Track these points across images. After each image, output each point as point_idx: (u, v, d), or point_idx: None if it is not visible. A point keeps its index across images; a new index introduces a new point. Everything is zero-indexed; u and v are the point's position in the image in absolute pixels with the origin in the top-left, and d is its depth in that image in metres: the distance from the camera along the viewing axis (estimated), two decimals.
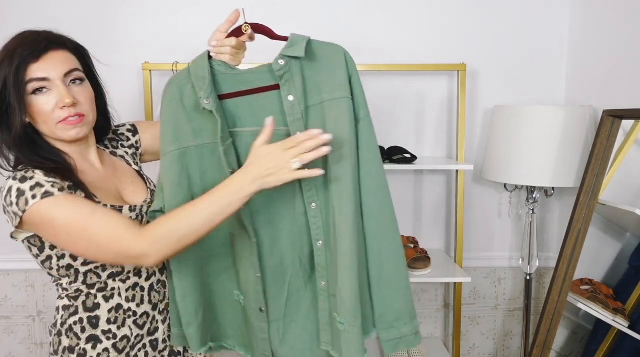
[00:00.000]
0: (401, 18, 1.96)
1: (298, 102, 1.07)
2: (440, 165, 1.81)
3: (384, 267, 1.12)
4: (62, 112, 0.99)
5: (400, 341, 1.15)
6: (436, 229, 2.10)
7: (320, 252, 1.11)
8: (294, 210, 1.13)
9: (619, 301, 1.57)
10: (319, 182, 1.10)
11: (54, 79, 0.99)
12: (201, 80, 1.07)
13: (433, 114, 2.02)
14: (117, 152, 1.19)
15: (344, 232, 1.05)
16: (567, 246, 1.56)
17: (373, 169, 1.09)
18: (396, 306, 1.13)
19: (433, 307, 2.15)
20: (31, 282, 2.03)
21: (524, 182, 1.74)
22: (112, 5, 1.91)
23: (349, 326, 1.07)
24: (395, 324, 1.14)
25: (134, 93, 1.91)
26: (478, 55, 1.98)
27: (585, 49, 1.90)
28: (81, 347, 1.05)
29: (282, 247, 1.14)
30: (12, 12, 1.88)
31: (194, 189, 1.11)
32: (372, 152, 1.09)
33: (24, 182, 0.95)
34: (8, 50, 0.97)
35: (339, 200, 1.06)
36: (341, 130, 1.05)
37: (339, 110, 1.06)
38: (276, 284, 1.15)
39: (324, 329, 1.15)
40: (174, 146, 1.10)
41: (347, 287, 1.05)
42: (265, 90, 1.10)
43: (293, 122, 1.07)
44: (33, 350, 2.08)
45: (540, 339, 1.58)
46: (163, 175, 1.11)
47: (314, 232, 1.11)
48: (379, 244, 1.10)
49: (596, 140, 1.57)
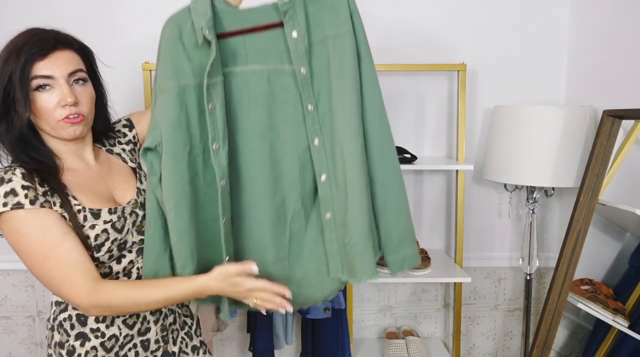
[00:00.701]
0: (401, 18, 1.96)
1: (302, 38, 1.10)
2: (440, 166, 1.81)
3: (388, 194, 1.17)
4: (63, 110, 1.00)
5: (404, 262, 1.21)
6: (436, 229, 2.10)
7: (325, 185, 1.16)
8: (297, 148, 1.16)
9: (619, 301, 1.57)
10: (322, 117, 1.14)
11: (58, 78, 1.00)
12: (202, 15, 1.07)
13: (433, 114, 2.02)
14: (114, 150, 1.18)
15: (355, 162, 1.10)
16: (567, 246, 1.56)
17: (375, 103, 1.14)
18: (400, 230, 1.20)
19: (433, 307, 2.15)
20: (31, 282, 2.03)
21: (524, 182, 1.74)
22: (112, 5, 1.91)
23: (362, 246, 1.12)
24: (399, 247, 1.20)
25: (134, 93, 1.91)
26: (478, 55, 1.98)
27: (585, 49, 1.90)
28: (70, 344, 1.06)
29: (284, 187, 1.18)
30: (12, 12, 1.88)
31: (191, 129, 1.10)
32: (373, 88, 1.14)
33: (1, 184, 0.96)
34: (15, 46, 0.98)
35: (346, 132, 1.10)
36: (345, 66, 1.10)
37: (343, 46, 1.10)
38: (279, 223, 1.19)
39: (333, 258, 1.19)
40: (172, 83, 1.08)
41: (360, 212, 1.11)
42: (268, 28, 1.12)
43: (297, 58, 1.11)
44: (33, 350, 2.08)
45: (540, 339, 1.58)
46: (159, 112, 1.09)
47: (318, 166, 1.16)
48: (382, 172, 1.16)
49: (596, 140, 1.57)
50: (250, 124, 1.16)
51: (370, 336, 2.15)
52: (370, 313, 2.14)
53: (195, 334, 1.27)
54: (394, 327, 2.14)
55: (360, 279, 1.15)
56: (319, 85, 1.14)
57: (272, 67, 1.14)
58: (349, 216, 1.13)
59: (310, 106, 1.14)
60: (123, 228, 1.07)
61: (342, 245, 1.17)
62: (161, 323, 1.16)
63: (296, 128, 1.16)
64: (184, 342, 1.23)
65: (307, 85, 1.13)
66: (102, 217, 1.04)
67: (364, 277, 1.14)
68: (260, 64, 1.13)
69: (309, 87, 1.13)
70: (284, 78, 1.14)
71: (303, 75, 1.12)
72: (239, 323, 2.10)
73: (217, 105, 1.09)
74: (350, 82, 1.10)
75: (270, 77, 1.14)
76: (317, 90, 1.14)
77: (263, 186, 1.17)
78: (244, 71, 1.14)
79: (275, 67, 1.14)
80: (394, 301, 2.13)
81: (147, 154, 1.10)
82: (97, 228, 1.03)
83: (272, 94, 1.15)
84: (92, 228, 1.02)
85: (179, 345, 1.20)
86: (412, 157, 1.82)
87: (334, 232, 1.18)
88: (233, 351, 2.13)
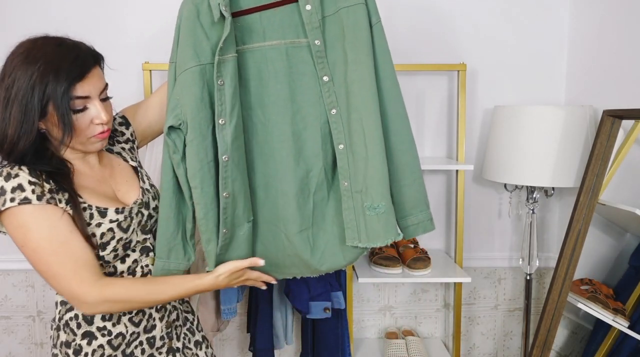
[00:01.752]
0: (401, 18, 1.96)
1: (315, 11, 1.13)
2: (440, 165, 1.81)
3: (402, 159, 1.20)
4: (97, 127, 1.02)
5: (418, 226, 1.24)
6: (436, 229, 2.09)
7: (342, 154, 1.18)
8: (318, 120, 1.19)
9: (619, 301, 1.57)
10: (338, 88, 1.17)
11: (94, 97, 1.00)
12: None
13: (433, 114, 2.02)
14: (114, 149, 1.18)
15: (372, 124, 1.13)
16: (567, 246, 1.56)
17: (387, 71, 1.17)
18: (414, 195, 1.23)
19: (433, 307, 2.15)
20: (31, 282, 2.03)
21: (524, 182, 1.74)
22: (112, 5, 1.91)
23: (385, 208, 1.16)
24: (413, 211, 1.24)
25: (134, 93, 1.91)
26: (478, 55, 1.98)
27: (585, 49, 1.90)
28: (77, 343, 1.06)
29: (307, 158, 1.21)
30: (12, 11, 1.88)
31: (213, 107, 1.13)
32: (386, 56, 1.18)
33: (7, 180, 0.95)
34: (50, 63, 0.94)
35: (363, 98, 1.13)
36: (359, 35, 1.13)
37: (355, 16, 1.13)
38: (302, 194, 1.21)
39: (349, 226, 1.21)
40: (194, 61, 1.12)
41: (381, 176, 1.15)
42: (282, 4, 1.16)
43: (311, 30, 1.14)
44: (33, 350, 2.08)
45: (540, 339, 1.58)
46: (181, 91, 1.13)
47: (336, 136, 1.18)
48: (395, 138, 1.19)
49: (596, 140, 1.57)
50: (271, 99, 1.19)
51: (370, 336, 2.15)
52: (370, 313, 2.14)
53: (197, 330, 1.29)
54: (394, 327, 2.14)
55: (384, 240, 1.17)
56: (334, 57, 1.17)
57: (290, 41, 1.18)
58: (369, 181, 1.16)
59: (326, 77, 1.17)
60: (129, 228, 1.08)
61: (361, 210, 1.19)
62: (166, 320, 1.17)
63: (316, 100, 1.19)
64: (187, 337, 1.24)
65: (322, 57, 1.16)
66: (109, 216, 1.04)
67: (388, 238, 1.17)
68: (278, 39, 1.17)
69: (324, 58, 1.16)
70: (301, 51, 1.18)
71: (317, 47, 1.15)
72: (239, 323, 2.10)
73: (227, 81, 1.12)
74: (365, 51, 1.13)
75: (289, 51, 1.18)
76: (332, 62, 1.17)
77: (285, 158, 1.20)
78: (262, 47, 1.18)
79: (293, 42, 1.17)
80: (394, 301, 2.13)
81: (170, 133, 1.14)
82: (103, 227, 1.03)
83: (291, 67, 1.18)
84: (98, 226, 1.02)
85: (182, 341, 1.21)
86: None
87: (351, 201, 1.20)
88: (233, 351, 2.13)
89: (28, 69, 0.94)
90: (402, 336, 2.05)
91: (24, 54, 0.96)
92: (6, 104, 0.95)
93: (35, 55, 0.95)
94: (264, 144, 1.21)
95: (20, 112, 0.94)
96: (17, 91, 0.94)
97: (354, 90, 1.14)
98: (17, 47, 0.98)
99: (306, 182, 1.21)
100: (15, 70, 0.94)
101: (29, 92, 0.93)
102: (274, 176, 1.21)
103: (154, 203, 1.17)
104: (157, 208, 1.17)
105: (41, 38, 1.00)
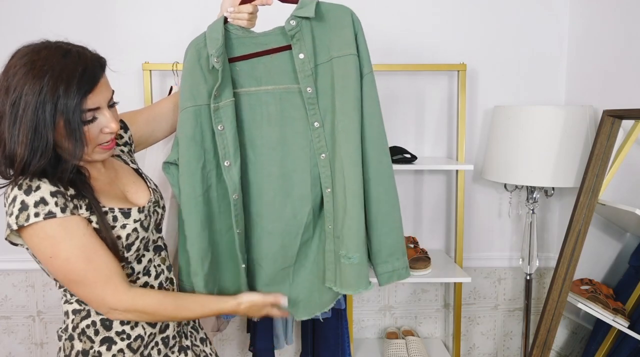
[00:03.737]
0: (401, 18, 1.96)
1: (308, 59, 1.17)
2: (440, 166, 1.81)
3: (381, 209, 1.23)
4: (105, 136, 1.01)
5: (393, 274, 1.27)
6: (436, 229, 2.10)
7: (329, 198, 1.23)
8: (307, 163, 1.23)
9: (619, 301, 1.57)
10: (328, 134, 1.20)
11: (103, 107, 0.99)
12: (214, 42, 1.15)
13: (433, 114, 2.02)
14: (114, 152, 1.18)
15: (354, 177, 1.16)
16: (567, 246, 1.56)
17: (374, 121, 1.20)
18: (390, 243, 1.25)
19: (433, 307, 2.15)
20: (31, 282, 2.03)
21: (524, 182, 1.74)
22: (112, 6, 1.91)
23: (357, 260, 1.19)
24: (389, 259, 1.26)
25: (134, 93, 1.91)
26: (478, 55, 1.98)
27: (585, 49, 1.90)
28: (95, 350, 1.05)
29: (295, 200, 1.24)
30: (12, 11, 1.88)
31: (205, 145, 1.19)
32: (373, 106, 1.20)
33: (28, 194, 0.92)
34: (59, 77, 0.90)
35: (347, 149, 1.16)
36: (348, 85, 1.16)
37: (346, 66, 1.16)
38: (290, 234, 1.25)
39: (329, 268, 1.26)
40: (190, 103, 1.18)
41: (358, 225, 1.18)
42: (279, 51, 1.20)
43: (303, 78, 1.17)
44: (33, 350, 2.08)
45: (540, 339, 1.58)
46: (179, 129, 1.20)
47: (324, 180, 1.22)
48: (376, 187, 1.21)
49: (596, 140, 1.57)
50: (263, 140, 1.24)
51: (370, 336, 2.15)
52: (370, 313, 2.14)
53: (200, 328, 1.31)
54: (394, 327, 2.14)
55: (355, 289, 1.21)
56: (325, 104, 1.20)
57: (284, 87, 1.22)
58: (345, 229, 1.19)
59: (317, 123, 1.21)
60: (149, 226, 1.09)
61: (337, 256, 1.23)
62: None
63: (306, 144, 1.23)
64: (193, 335, 1.25)
65: (314, 103, 1.19)
66: (132, 216, 1.04)
67: (358, 288, 1.21)
68: (273, 84, 1.21)
69: (315, 105, 1.20)
70: (294, 97, 1.22)
71: (309, 94, 1.19)
72: (239, 323, 2.10)
73: (227, 126, 1.18)
74: (353, 102, 1.16)
75: (282, 96, 1.22)
76: (324, 108, 1.20)
77: (272, 199, 1.25)
78: (258, 91, 1.22)
79: (287, 87, 1.22)
80: (394, 301, 2.13)
81: (169, 168, 1.22)
82: (128, 227, 1.03)
83: (284, 112, 1.22)
84: (123, 228, 1.02)
85: (190, 339, 1.23)
86: (412, 157, 1.82)
87: (332, 244, 1.24)
88: (233, 351, 2.13)
89: (35, 83, 0.89)
90: (402, 336, 2.05)
91: (28, 65, 0.91)
92: (14, 121, 0.90)
93: (42, 67, 0.90)
94: (252, 183, 1.26)
95: (31, 129, 0.90)
96: (26, 107, 0.89)
97: (339, 139, 1.17)
98: (17, 57, 0.94)
99: (293, 223, 1.25)
100: (21, 85, 0.90)
101: (39, 108, 0.89)
102: (261, 215, 1.26)
103: (162, 202, 1.19)
104: (164, 207, 1.19)
105: (43, 47, 0.94)
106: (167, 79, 1.93)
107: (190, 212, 1.19)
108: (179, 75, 1.77)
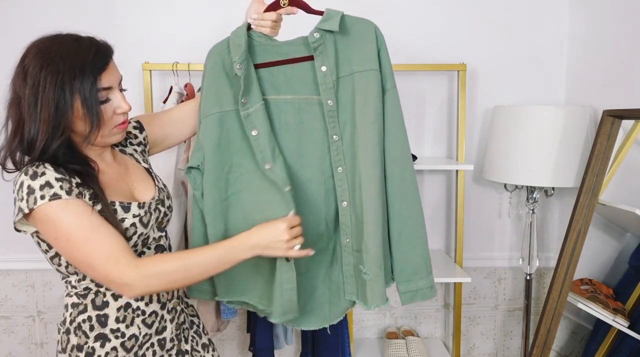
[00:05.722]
0: (401, 18, 1.96)
1: (330, 72, 1.17)
2: (440, 166, 1.81)
3: (404, 226, 1.22)
4: (119, 117, 1.05)
5: (416, 293, 1.25)
6: (436, 229, 2.10)
7: (345, 211, 1.22)
8: (322, 174, 1.23)
9: (619, 301, 1.57)
10: (346, 147, 1.20)
11: (115, 88, 1.03)
12: (237, 48, 1.16)
13: (433, 114, 2.02)
14: (127, 150, 1.20)
15: (371, 193, 1.15)
16: (567, 246, 1.56)
17: (397, 137, 1.19)
18: (414, 261, 1.23)
19: (433, 307, 2.15)
20: (31, 282, 2.03)
21: (524, 182, 1.74)
22: (112, 6, 1.91)
23: (374, 276, 1.17)
24: (412, 277, 1.24)
25: (134, 93, 1.90)
26: (478, 55, 1.98)
27: (585, 49, 1.90)
28: (89, 346, 1.05)
29: (309, 209, 1.23)
30: (12, 11, 1.88)
31: (232, 149, 1.21)
32: (396, 121, 1.19)
33: (34, 178, 0.95)
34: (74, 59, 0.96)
35: (366, 164, 1.15)
36: (368, 101, 1.15)
37: (367, 81, 1.16)
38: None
39: (348, 281, 1.26)
40: (215, 109, 1.20)
41: (373, 242, 1.16)
42: (300, 61, 1.21)
43: (325, 90, 1.17)
44: (33, 350, 2.08)
45: (540, 339, 1.58)
46: (203, 136, 1.21)
47: (340, 193, 1.22)
48: (399, 204, 1.21)
49: (596, 140, 1.57)
50: (281, 149, 1.23)
51: (370, 336, 2.15)
52: (370, 313, 2.14)
53: (204, 333, 1.30)
54: (394, 327, 2.14)
55: (370, 306, 1.20)
56: (345, 117, 1.20)
57: (303, 97, 1.22)
58: (364, 244, 1.18)
59: (336, 136, 1.20)
60: (148, 223, 1.09)
61: (358, 270, 1.23)
62: (176, 322, 1.17)
63: (322, 155, 1.23)
64: (195, 340, 1.25)
65: (334, 116, 1.19)
66: (132, 210, 1.05)
67: (374, 304, 1.20)
68: (292, 94, 1.22)
69: (335, 118, 1.20)
70: (313, 108, 1.22)
71: (330, 107, 1.19)
72: (239, 323, 2.10)
73: (260, 130, 1.18)
74: (373, 117, 1.15)
75: (301, 106, 1.22)
76: (343, 122, 1.20)
77: None
78: (277, 100, 1.22)
79: (306, 98, 1.22)
80: (394, 301, 2.13)
81: (191, 172, 1.23)
82: (127, 222, 1.04)
83: (302, 122, 1.22)
84: (122, 222, 1.03)
85: (190, 343, 1.22)
86: (412, 157, 1.82)
87: (352, 257, 1.24)
88: (233, 351, 2.13)
89: (52, 67, 0.94)
90: (402, 336, 2.05)
91: (43, 52, 0.96)
92: (35, 102, 0.95)
93: (57, 52, 0.96)
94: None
95: (53, 107, 0.94)
96: (46, 87, 0.94)
97: (358, 154, 1.17)
98: (31, 47, 0.98)
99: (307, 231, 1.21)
100: (37, 70, 0.94)
101: (59, 89, 0.94)
102: None
103: (168, 202, 1.18)
104: (170, 207, 1.19)
105: (56, 36, 1.00)
106: (167, 79, 1.93)
107: (216, 216, 1.22)
108: (179, 75, 1.77)
